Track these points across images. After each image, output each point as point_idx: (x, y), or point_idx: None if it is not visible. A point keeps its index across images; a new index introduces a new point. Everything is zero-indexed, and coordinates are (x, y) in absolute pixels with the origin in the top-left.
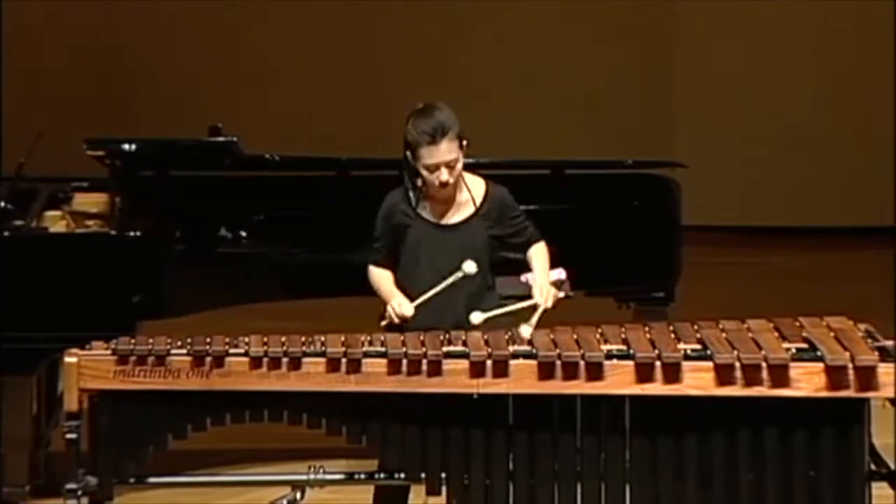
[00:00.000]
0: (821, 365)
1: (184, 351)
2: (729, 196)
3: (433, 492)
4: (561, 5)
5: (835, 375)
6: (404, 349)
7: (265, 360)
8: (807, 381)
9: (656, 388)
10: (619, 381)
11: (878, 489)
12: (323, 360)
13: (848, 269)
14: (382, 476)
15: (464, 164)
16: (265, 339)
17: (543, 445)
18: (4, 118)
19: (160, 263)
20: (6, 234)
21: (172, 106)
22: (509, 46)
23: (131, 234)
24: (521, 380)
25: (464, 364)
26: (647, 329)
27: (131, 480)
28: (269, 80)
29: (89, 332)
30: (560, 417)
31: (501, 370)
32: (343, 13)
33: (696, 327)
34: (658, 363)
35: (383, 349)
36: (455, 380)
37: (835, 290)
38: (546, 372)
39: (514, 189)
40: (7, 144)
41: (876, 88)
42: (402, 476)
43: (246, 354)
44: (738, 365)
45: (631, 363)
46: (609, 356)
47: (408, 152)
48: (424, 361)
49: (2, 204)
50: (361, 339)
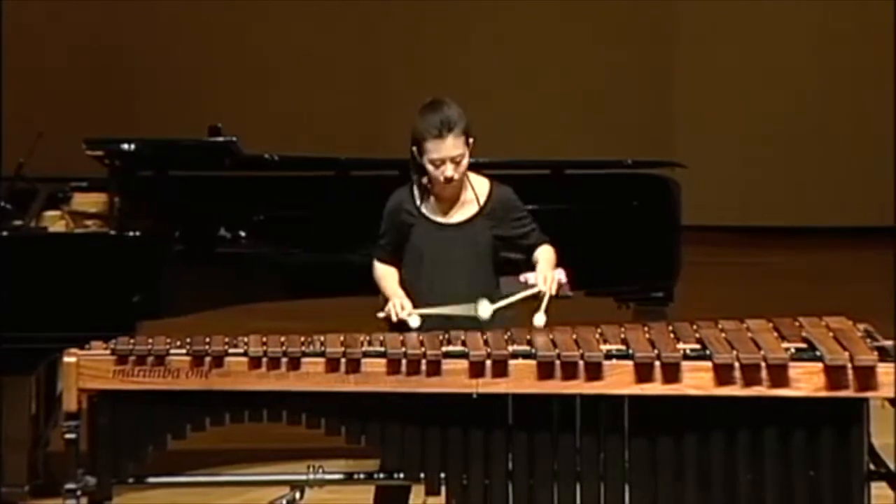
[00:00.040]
0: (820, 365)
1: (183, 351)
2: (729, 196)
3: (432, 492)
4: (561, 5)
5: (834, 375)
6: (403, 349)
7: (264, 360)
8: (806, 381)
9: (655, 388)
10: (619, 381)
11: (878, 489)
12: (322, 360)
13: (848, 269)
14: (381, 476)
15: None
16: (264, 339)
17: (543, 445)
18: (4, 118)
19: (159, 263)
20: (5, 234)
21: (172, 106)
22: (509, 46)
23: (130, 234)
24: (521, 380)
25: (463, 364)
26: (646, 329)
27: (130, 480)
28: (269, 80)
29: (88, 332)
30: (559, 417)
31: (501, 370)
32: (343, 13)
33: (695, 327)
34: (657, 363)
35: (382, 349)
36: (454, 380)
37: (835, 290)
38: (545, 372)
39: (513, 189)
40: (7, 144)
41: (876, 88)
42: (402, 476)
43: (245, 354)
44: (737, 365)
45: (630, 363)
46: (608, 356)
47: (414, 147)
48: (424, 361)
49: (1, 204)
50: (360, 339)
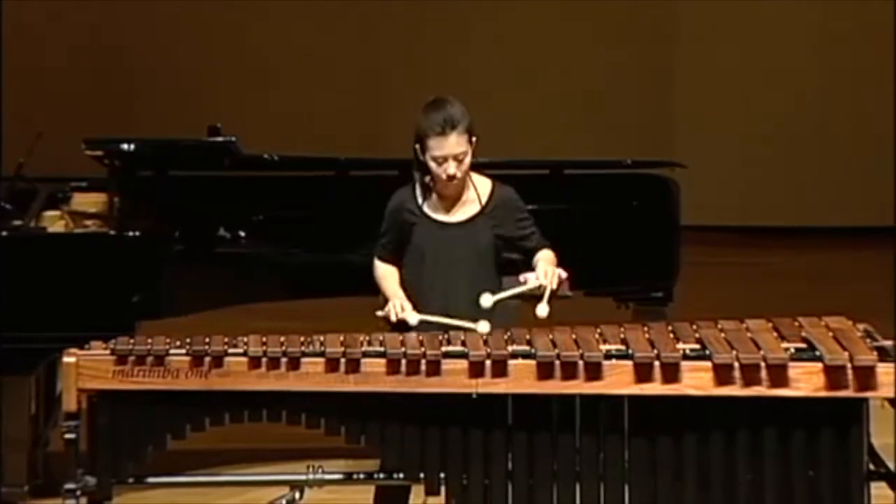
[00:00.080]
0: (820, 365)
1: (183, 351)
2: (729, 196)
3: (432, 492)
4: (561, 5)
5: (834, 375)
6: (403, 349)
7: (264, 360)
8: (806, 381)
9: (655, 388)
10: (618, 381)
11: (877, 489)
12: (322, 360)
13: (848, 269)
14: (381, 476)
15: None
16: (264, 339)
17: (542, 445)
18: (4, 118)
19: (159, 263)
20: (5, 234)
21: (172, 106)
22: (509, 46)
23: (130, 234)
24: (520, 380)
25: (463, 364)
26: (645, 329)
27: (130, 480)
28: (269, 80)
29: (88, 332)
30: (559, 417)
31: (500, 370)
32: (343, 13)
33: (694, 327)
34: (657, 363)
35: (382, 349)
36: (454, 380)
37: (835, 290)
38: (545, 372)
39: (514, 189)
40: (7, 144)
41: (876, 88)
42: (401, 476)
43: (245, 354)
44: (736, 365)
45: (630, 363)
46: (608, 356)
47: (417, 145)
48: (423, 361)
49: (1, 204)
50: (360, 338)
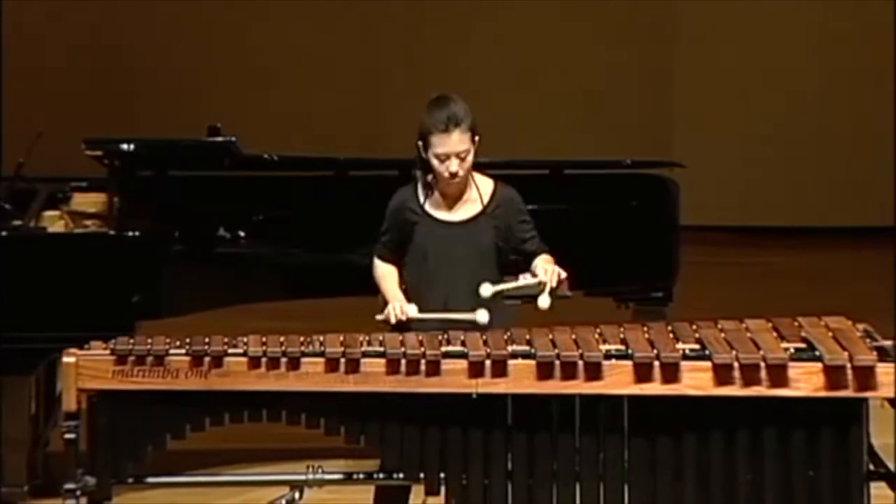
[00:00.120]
0: (819, 365)
1: (182, 351)
2: (729, 196)
3: (432, 492)
4: (561, 5)
5: (833, 375)
6: (403, 349)
7: (264, 360)
8: (805, 381)
9: (655, 388)
10: (618, 381)
11: (877, 489)
12: (321, 360)
13: (848, 269)
14: (381, 476)
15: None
16: (264, 339)
17: (542, 445)
18: (4, 118)
19: (159, 263)
20: (4, 234)
21: (172, 106)
22: (509, 46)
23: (130, 234)
24: (520, 380)
25: (462, 364)
26: (645, 329)
27: (130, 480)
28: (269, 80)
29: (88, 332)
30: (559, 417)
31: (500, 370)
32: (343, 13)
33: (694, 327)
34: (657, 363)
35: (382, 349)
36: (454, 380)
37: (835, 290)
38: (545, 372)
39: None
40: (7, 144)
41: (876, 88)
42: (401, 476)
43: (244, 354)
44: (736, 365)
45: (629, 363)
46: (608, 356)
47: (419, 142)
48: (423, 361)
49: (1, 204)
50: (360, 338)
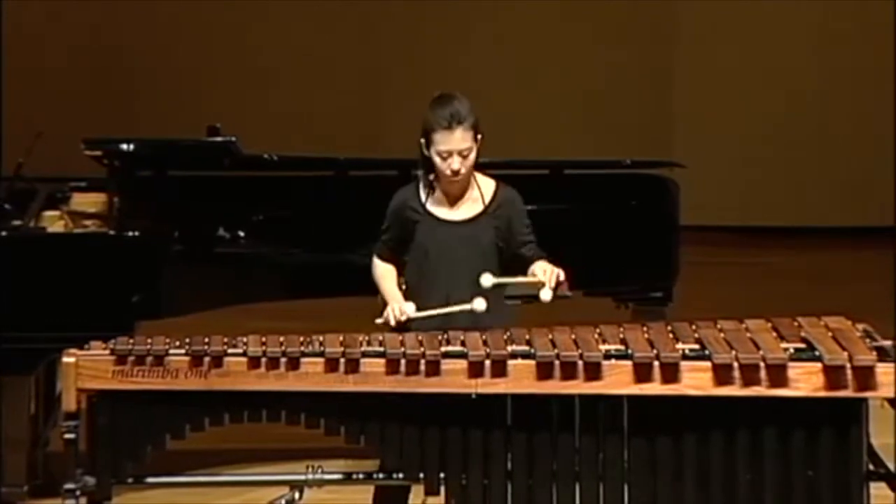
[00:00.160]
0: (819, 365)
1: (182, 351)
2: (729, 196)
3: (431, 492)
4: (561, 5)
5: (833, 375)
6: (402, 349)
7: (263, 360)
8: (805, 381)
9: (654, 388)
10: (618, 381)
11: (877, 489)
12: (321, 360)
13: (848, 269)
14: (381, 476)
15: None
16: (263, 339)
17: (542, 445)
18: (4, 118)
19: (158, 263)
20: (4, 234)
21: (172, 106)
22: (509, 46)
23: (129, 234)
24: (520, 380)
25: (462, 364)
26: (645, 329)
27: (129, 480)
28: (269, 80)
29: (88, 332)
30: (558, 417)
31: (500, 370)
32: (343, 13)
33: (694, 327)
34: (656, 363)
35: (381, 349)
36: (453, 380)
37: (835, 290)
38: (544, 372)
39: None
40: (7, 144)
41: (876, 88)
42: (401, 476)
43: (244, 354)
44: (736, 365)
45: (629, 363)
46: (607, 356)
47: (422, 139)
48: (423, 361)
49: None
50: (360, 339)
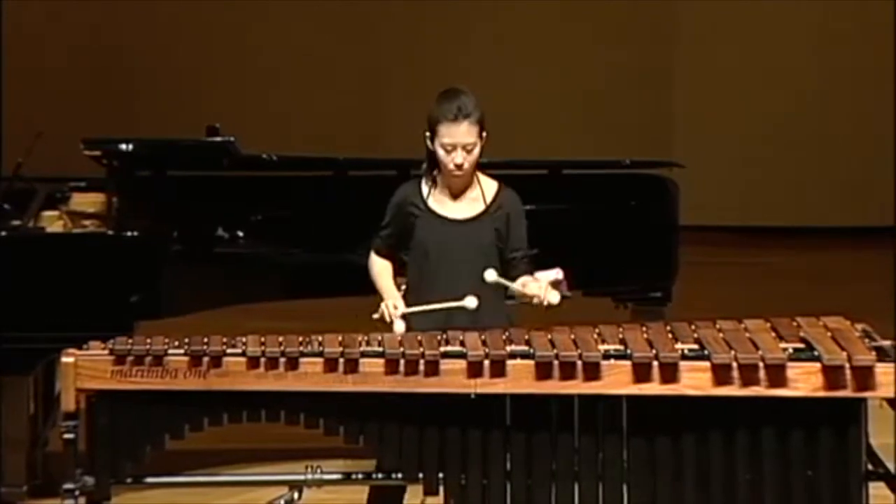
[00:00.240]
0: (818, 365)
1: (181, 351)
2: (729, 196)
3: (430, 492)
4: (561, 5)
5: (832, 375)
6: (402, 349)
7: (263, 360)
8: (804, 381)
9: (654, 388)
10: (617, 381)
11: (876, 489)
12: (320, 360)
13: (848, 269)
14: (380, 476)
15: None
16: (262, 339)
17: (541, 445)
18: (4, 118)
19: (157, 263)
20: (3, 234)
21: (172, 106)
22: (509, 46)
23: (128, 234)
24: (519, 380)
25: (461, 364)
26: (644, 329)
27: (128, 480)
28: (269, 80)
29: (87, 332)
30: (557, 417)
31: (499, 370)
32: (343, 13)
33: (693, 327)
34: (655, 363)
35: (381, 349)
36: (452, 380)
37: (835, 290)
38: (543, 372)
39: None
40: (7, 144)
41: (876, 88)
42: (400, 476)
43: (243, 354)
44: (735, 365)
45: (628, 363)
46: (606, 356)
47: (427, 133)
48: (422, 361)
49: None
50: (359, 339)
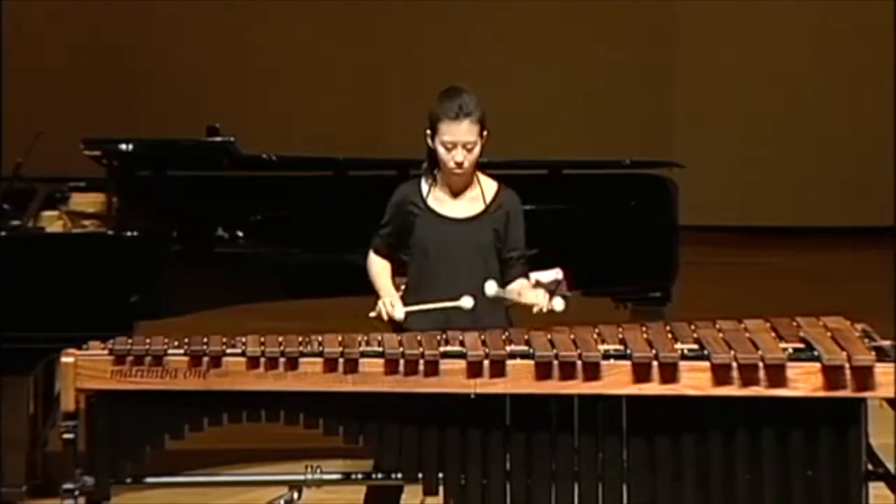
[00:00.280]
0: (818, 365)
1: (181, 351)
2: (729, 196)
3: (430, 492)
4: (561, 5)
5: (832, 375)
6: (401, 349)
7: (262, 360)
8: (804, 381)
9: (653, 388)
10: (617, 381)
11: (876, 489)
12: (320, 360)
13: (848, 269)
14: (379, 476)
15: None
16: (262, 339)
17: (541, 445)
18: (4, 118)
19: (157, 263)
20: (3, 234)
21: (172, 106)
22: (509, 46)
23: (128, 234)
24: (519, 380)
25: (461, 364)
26: (644, 329)
27: (128, 480)
28: (269, 80)
29: (86, 332)
30: (557, 417)
31: (498, 370)
32: (343, 13)
33: (692, 327)
34: (655, 363)
35: (380, 349)
36: (452, 380)
37: (835, 290)
38: (543, 372)
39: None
40: (7, 144)
41: (876, 88)
42: (399, 476)
43: (243, 354)
44: (734, 365)
45: (628, 363)
46: (606, 356)
47: (428, 130)
48: (421, 361)
49: None
50: (358, 338)
